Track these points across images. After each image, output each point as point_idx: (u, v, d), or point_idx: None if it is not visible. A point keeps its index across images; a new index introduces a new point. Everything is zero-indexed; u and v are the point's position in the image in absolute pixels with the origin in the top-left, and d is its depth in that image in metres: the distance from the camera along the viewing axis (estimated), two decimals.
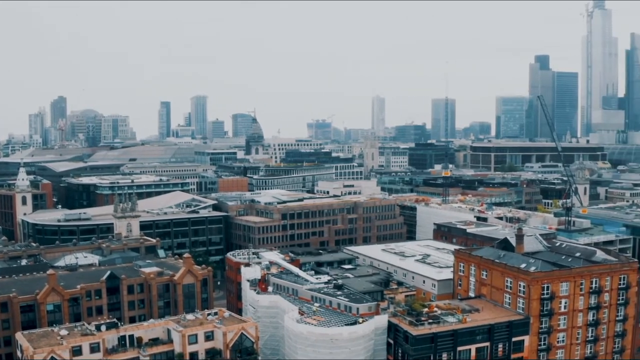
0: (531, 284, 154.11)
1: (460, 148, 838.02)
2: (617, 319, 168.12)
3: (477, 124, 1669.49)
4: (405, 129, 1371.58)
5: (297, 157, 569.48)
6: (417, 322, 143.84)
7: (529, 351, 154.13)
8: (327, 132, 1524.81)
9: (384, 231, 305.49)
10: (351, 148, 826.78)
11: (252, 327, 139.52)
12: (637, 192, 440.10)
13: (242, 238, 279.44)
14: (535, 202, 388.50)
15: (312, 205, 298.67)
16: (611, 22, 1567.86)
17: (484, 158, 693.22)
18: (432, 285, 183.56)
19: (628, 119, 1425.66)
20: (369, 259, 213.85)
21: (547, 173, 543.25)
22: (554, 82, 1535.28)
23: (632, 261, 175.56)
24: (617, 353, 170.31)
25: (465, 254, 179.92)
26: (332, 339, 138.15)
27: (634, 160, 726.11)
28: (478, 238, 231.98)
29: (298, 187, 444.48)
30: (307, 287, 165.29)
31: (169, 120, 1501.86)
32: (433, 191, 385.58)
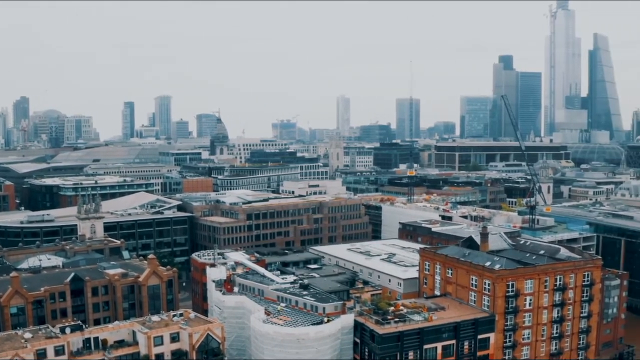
0: (496, 282, 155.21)
1: (425, 148, 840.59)
2: (581, 316, 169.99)
3: (441, 124, 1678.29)
4: (370, 129, 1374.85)
5: (262, 157, 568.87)
6: (383, 321, 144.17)
7: (495, 348, 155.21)
8: (292, 132, 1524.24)
9: (349, 231, 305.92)
10: (316, 148, 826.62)
11: (218, 328, 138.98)
12: (600, 191, 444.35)
13: (207, 239, 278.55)
14: (499, 201, 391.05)
15: (278, 205, 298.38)
16: (574, 23, 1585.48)
17: (449, 157, 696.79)
18: (397, 284, 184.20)
19: (591, 118, 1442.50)
20: (335, 258, 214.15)
21: (511, 172, 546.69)
22: (518, 82, 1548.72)
23: (596, 258, 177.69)
24: (582, 349, 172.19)
25: (431, 253, 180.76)
26: (299, 338, 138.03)
27: (597, 159, 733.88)
28: (443, 237, 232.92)
29: (263, 187, 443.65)
30: (273, 287, 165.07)
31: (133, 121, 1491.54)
32: (398, 190, 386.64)
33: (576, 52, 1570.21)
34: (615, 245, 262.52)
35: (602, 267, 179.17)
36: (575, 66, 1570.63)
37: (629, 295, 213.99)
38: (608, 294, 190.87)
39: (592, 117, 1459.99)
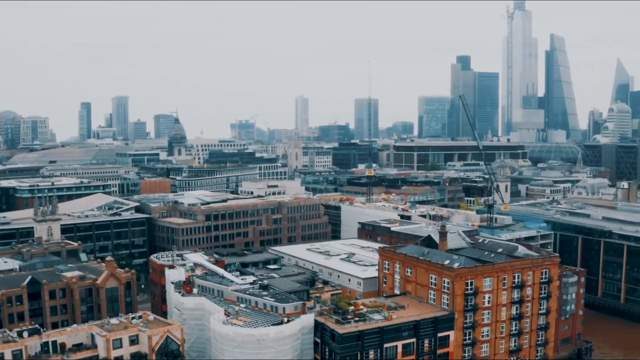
0: (455, 280, 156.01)
1: (384, 147, 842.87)
2: (539, 313, 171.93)
3: (400, 124, 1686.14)
4: (328, 129, 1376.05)
5: (220, 158, 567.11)
6: (343, 321, 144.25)
7: (455, 346, 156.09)
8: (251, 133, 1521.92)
9: (308, 231, 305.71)
10: (275, 148, 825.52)
11: (177, 329, 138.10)
12: (557, 189, 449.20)
13: (165, 240, 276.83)
14: (457, 200, 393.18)
15: (236, 205, 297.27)
16: (531, 23, 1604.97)
17: (407, 157, 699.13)
18: (357, 284, 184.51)
19: (548, 118, 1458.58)
20: (294, 258, 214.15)
21: (469, 171, 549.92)
22: (476, 82, 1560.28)
23: (553, 256, 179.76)
24: (541, 346, 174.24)
25: (390, 252, 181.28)
26: (259, 339, 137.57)
27: (554, 158, 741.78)
28: (402, 236, 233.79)
29: (222, 187, 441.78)
30: (232, 288, 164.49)
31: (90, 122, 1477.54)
32: (357, 190, 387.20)
33: (533, 52, 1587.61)
34: (573, 242, 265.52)
35: (559, 265, 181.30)
36: (532, 66, 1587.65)
37: (586, 292, 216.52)
38: (566, 291, 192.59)
39: (549, 117, 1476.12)
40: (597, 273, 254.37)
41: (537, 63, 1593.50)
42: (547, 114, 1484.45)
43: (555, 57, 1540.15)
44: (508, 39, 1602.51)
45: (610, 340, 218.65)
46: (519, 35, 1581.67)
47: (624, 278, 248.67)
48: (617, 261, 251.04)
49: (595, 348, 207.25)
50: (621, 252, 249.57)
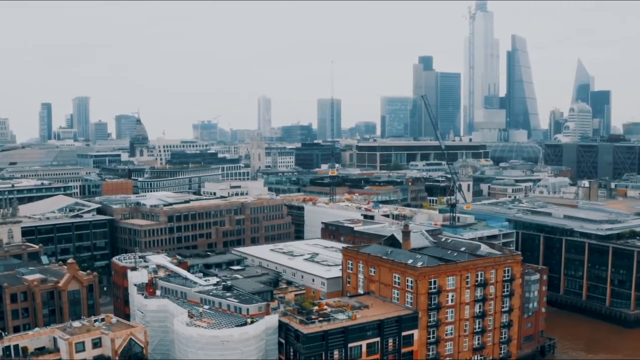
0: (418, 279, 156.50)
1: (347, 148, 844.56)
2: (502, 310, 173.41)
3: (362, 124, 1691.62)
4: (291, 130, 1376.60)
5: (182, 159, 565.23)
6: (307, 321, 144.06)
7: (419, 345, 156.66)
8: (213, 133, 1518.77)
9: (272, 231, 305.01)
10: (237, 149, 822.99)
11: (140, 332, 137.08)
12: (518, 188, 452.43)
13: (127, 242, 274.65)
14: (420, 200, 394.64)
15: (199, 206, 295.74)
16: (493, 24, 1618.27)
17: (370, 157, 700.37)
18: (321, 284, 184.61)
19: (509, 117, 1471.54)
20: (258, 259, 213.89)
21: (432, 171, 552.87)
22: (438, 83, 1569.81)
23: (516, 254, 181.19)
24: (504, 343, 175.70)
25: (353, 252, 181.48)
26: (223, 340, 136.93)
27: (516, 158, 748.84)
28: (365, 236, 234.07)
29: (184, 188, 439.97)
30: (195, 290, 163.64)
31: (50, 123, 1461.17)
32: (320, 190, 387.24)
33: (494, 53, 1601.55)
34: (535, 241, 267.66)
35: (522, 263, 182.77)
36: (493, 67, 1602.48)
37: (548, 290, 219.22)
38: (528, 289, 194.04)
39: (511, 117, 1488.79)
40: (559, 271, 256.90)
41: (498, 63, 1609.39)
42: (508, 114, 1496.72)
43: (516, 58, 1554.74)
44: (470, 40, 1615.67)
45: (572, 336, 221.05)
46: (481, 36, 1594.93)
47: (585, 275, 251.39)
48: (578, 259, 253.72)
49: (558, 345, 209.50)
50: (582, 250, 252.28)
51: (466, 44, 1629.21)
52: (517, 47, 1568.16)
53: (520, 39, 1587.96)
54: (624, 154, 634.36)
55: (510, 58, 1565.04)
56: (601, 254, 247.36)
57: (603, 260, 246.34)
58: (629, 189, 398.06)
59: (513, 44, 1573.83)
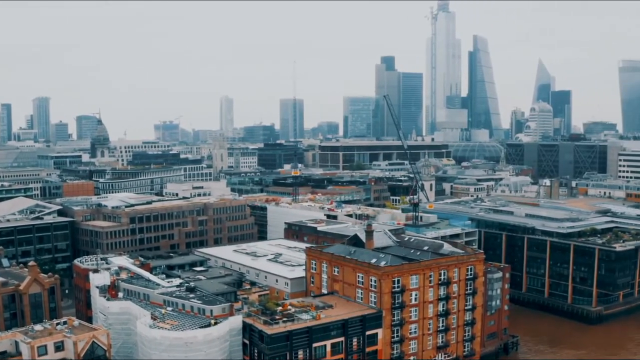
0: (382, 278, 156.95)
1: (309, 148, 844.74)
2: (466, 309, 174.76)
3: (325, 124, 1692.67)
4: (254, 130, 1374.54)
5: (144, 160, 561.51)
6: (271, 321, 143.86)
7: (383, 344, 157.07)
8: (175, 134, 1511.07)
9: (235, 232, 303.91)
10: (200, 149, 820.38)
11: (103, 335, 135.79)
12: (480, 187, 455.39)
13: (89, 244, 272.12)
14: (383, 199, 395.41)
15: (161, 207, 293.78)
16: (454, 25, 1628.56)
17: (333, 157, 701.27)
18: (285, 284, 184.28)
19: (471, 117, 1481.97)
20: (221, 260, 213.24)
21: (394, 170, 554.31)
22: (400, 83, 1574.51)
23: (478, 252, 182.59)
24: (468, 341, 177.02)
25: (317, 252, 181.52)
26: (187, 342, 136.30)
27: (477, 157, 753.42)
28: (329, 235, 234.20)
29: (146, 189, 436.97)
30: (158, 292, 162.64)
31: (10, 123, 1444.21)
32: (283, 191, 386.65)
33: (456, 53, 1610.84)
34: (497, 239, 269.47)
35: (484, 261, 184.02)
36: (455, 67, 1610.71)
37: (511, 288, 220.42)
38: (491, 287, 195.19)
39: (472, 116, 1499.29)
40: (521, 269, 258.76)
41: (460, 64, 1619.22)
42: (470, 114, 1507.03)
43: (478, 58, 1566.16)
44: (432, 40, 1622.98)
45: (535, 333, 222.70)
46: (443, 36, 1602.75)
47: (547, 273, 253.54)
48: (540, 257, 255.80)
49: (521, 342, 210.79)
50: (544, 248, 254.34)
51: (428, 44, 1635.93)
52: (479, 48, 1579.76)
53: (482, 39, 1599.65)
54: (585, 153, 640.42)
55: (472, 58, 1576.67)
56: (563, 251, 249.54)
57: (565, 258, 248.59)
58: (589, 188, 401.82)
59: (475, 44, 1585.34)
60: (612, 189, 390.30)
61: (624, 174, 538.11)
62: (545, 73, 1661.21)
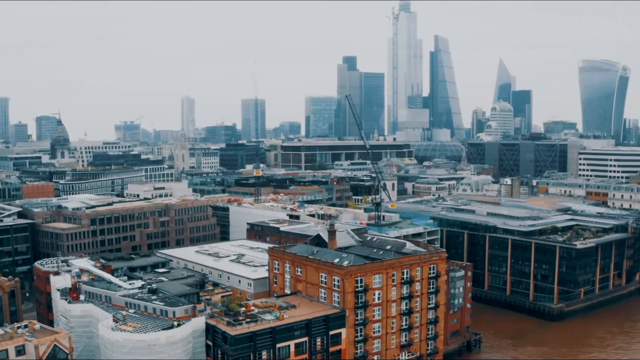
0: (345, 278, 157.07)
1: (271, 148, 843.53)
2: (429, 307, 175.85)
3: (287, 124, 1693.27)
4: (215, 130, 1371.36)
5: (105, 161, 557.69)
6: (235, 322, 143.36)
7: (347, 343, 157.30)
8: (136, 134, 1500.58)
9: (197, 233, 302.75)
10: (161, 150, 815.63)
11: (65, 338, 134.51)
12: (442, 187, 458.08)
13: (50, 246, 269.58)
14: (345, 199, 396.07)
15: (122, 209, 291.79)
16: (416, 25, 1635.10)
17: (295, 157, 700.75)
18: (248, 285, 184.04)
19: (432, 117, 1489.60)
20: (183, 261, 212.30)
21: (357, 170, 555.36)
22: (362, 83, 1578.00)
23: (441, 251, 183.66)
24: (431, 339, 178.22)
25: (280, 252, 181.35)
26: (150, 344, 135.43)
27: (439, 156, 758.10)
28: (291, 236, 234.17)
29: (107, 191, 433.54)
30: (120, 294, 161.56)
31: None
32: (245, 191, 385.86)
33: (418, 53, 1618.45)
34: (459, 238, 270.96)
35: (446, 260, 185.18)
36: (417, 67, 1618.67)
37: (473, 285, 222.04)
38: (453, 285, 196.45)
39: (434, 116, 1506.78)
40: (483, 267, 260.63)
41: (422, 64, 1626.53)
42: (432, 114, 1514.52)
43: (439, 58, 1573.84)
44: (393, 40, 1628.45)
45: (498, 331, 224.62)
46: (404, 37, 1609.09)
47: (509, 271, 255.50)
48: (502, 255, 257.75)
49: (484, 339, 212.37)
50: (506, 246, 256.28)
51: (390, 44, 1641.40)
52: (440, 48, 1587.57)
53: (443, 40, 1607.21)
54: (545, 152, 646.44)
55: (433, 58, 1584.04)
56: (524, 249, 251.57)
57: (526, 255, 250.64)
58: (550, 186, 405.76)
59: (436, 45, 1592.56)
60: (572, 188, 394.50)
61: (584, 173, 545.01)
62: (506, 73, 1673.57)
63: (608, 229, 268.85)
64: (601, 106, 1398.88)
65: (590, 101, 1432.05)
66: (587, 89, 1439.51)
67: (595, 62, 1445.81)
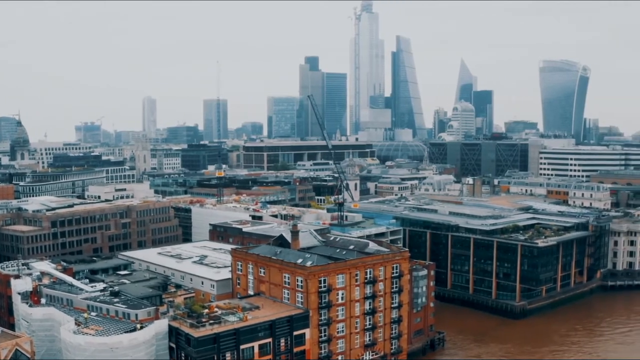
0: (308, 278, 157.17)
1: (233, 148, 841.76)
2: (392, 306, 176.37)
3: (249, 124, 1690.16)
4: (177, 130, 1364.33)
5: (65, 162, 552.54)
6: (198, 324, 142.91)
7: (311, 343, 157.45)
8: (97, 135, 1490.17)
9: (159, 234, 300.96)
10: (122, 151, 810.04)
11: (26, 342, 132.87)
12: (405, 186, 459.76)
13: (10, 249, 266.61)
14: (308, 199, 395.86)
15: (84, 211, 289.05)
16: (378, 25, 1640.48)
17: (257, 157, 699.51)
18: (211, 286, 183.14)
19: (395, 117, 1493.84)
20: (145, 263, 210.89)
21: (319, 170, 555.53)
22: (324, 83, 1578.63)
23: (403, 251, 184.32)
24: (395, 338, 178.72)
25: (242, 253, 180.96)
26: (112, 347, 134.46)
27: (401, 156, 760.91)
28: (254, 236, 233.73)
29: (68, 192, 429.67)
30: (82, 297, 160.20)
31: None
32: (207, 192, 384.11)
33: (380, 53, 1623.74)
34: (421, 237, 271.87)
35: (409, 259, 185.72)
36: (379, 67, 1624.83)
37: (436, 285, 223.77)
38: (417, 284, 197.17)
39: (396, 116, 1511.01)
40: (446, 266, 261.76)
41: (384, 64, 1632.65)
42: (394, 114, 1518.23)
43: (401, 58, 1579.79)
44: (355, 40, 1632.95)
45: (461, 329, 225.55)
46: (366, 37, 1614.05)
47: (471, 270, 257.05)
48: (464, 254, 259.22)
49: (447, 338, 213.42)
50: (468, 245, 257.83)
51: (352, 44, 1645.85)
52: (402, 48, 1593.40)
53: (405, 40, 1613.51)
54: (506, 151, 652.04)
55: (395, 59, 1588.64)
56: (486, 248, 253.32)
57: (488, 254, 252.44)
58: (511, 185, 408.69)
59: (398, 45, 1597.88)
60: (533, 187, 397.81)
61: (544, 172, 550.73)
62: (467, 73, 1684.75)
63: (569, 227, 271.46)
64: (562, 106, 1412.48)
65: (550, 101, 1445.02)
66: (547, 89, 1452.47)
67: (556, 63, 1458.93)
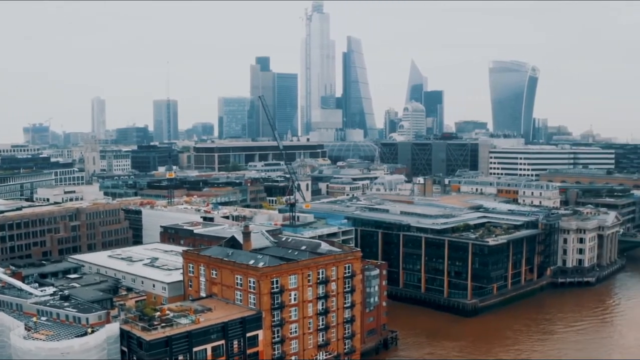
0: (260, 279, 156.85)
1: (184, 149, 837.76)
2: (345, 306, 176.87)
3: (200, 125, 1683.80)
4: (127, 132, 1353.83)
5: (13, 164, 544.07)
6: (150, 327, 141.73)
7: (264, 345, 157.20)
8: (45, 137, 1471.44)
9: (109, 237, 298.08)
10: (71, 152, 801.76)
11: None
12: (356, 186, 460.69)
13: None
14: (260, 200, 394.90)
15: (32, 213, 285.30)
16: (329, 26, 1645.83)
17: (208, 158, 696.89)
18: (162, 289, 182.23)
19: (346, 117, 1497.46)
20: (96, 266, 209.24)
21: (271, 171, 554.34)
22: (275, 83, 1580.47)
23: (355, 251, 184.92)
24: (348, 338, 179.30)
25: (194, 255, 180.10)
26: (63, 352, 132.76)
27: (353, 156, 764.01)
28: (206, 238, 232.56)
29: (15, 195, 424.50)
30: (31, 301, 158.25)
31: None
32: (158, 193, 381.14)
33: (331, 54, 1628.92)
34: (373, 237, 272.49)
35: (361, 259, 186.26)
36: (330, 68, 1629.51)
37: (388, 284, 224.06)
38: (369, 284, 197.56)
39: (347, 117, 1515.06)
40: (397, 265, 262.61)
41: (334, 64, 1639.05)
42: (345, 114, 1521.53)
43: (352, 59, 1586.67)
44: (306, 41, 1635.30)
45: (414, 328, 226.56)
46: (317, 37, 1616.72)
47: (423, 269, 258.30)
48: (416, 253, 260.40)
49: (400, 337, 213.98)
50: (419, 244, 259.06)
51: (303, 45, 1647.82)
52: (353, 49, 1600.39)
53: (356, 41, 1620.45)
54: (457, 151, 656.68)
55: (346, 59, 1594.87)
56: (437, 247, 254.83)
57: (439, 253, 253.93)
58: (462, 185, 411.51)
59: (349, 45, 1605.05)
60: (483, 186, 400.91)
61: (494, 171, 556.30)
62: (418, 74, 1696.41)
63: (519, 225, 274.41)
64: (511, 106, 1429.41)
65: (500, 101, 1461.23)
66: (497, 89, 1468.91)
67: (505, 63, 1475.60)
